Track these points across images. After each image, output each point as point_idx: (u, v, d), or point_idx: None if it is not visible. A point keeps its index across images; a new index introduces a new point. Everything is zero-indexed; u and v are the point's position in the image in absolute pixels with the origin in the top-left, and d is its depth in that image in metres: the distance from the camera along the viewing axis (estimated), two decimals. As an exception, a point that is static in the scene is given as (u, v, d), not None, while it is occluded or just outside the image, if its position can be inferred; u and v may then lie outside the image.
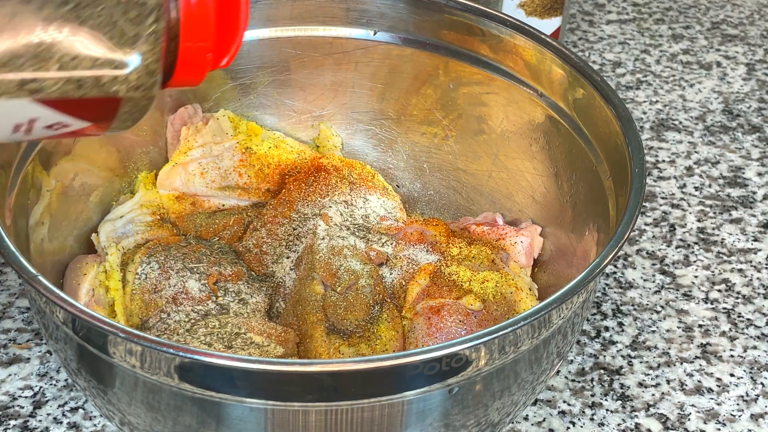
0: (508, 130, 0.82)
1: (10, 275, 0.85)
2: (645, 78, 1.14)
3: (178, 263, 0.75)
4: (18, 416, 0.74)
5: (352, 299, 0.73)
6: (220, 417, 0.59)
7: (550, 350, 0.64)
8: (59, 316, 0.60)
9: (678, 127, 1.07)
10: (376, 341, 0.71)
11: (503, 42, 0.80)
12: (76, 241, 0.77)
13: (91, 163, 0.79)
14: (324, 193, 0.81)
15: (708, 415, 0.77)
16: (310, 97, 0.87)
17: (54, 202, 0.74)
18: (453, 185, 0.86)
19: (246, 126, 0.85)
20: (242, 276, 0.76)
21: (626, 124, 0.71)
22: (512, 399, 0.65)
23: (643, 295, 0.87)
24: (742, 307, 0.86)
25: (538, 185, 0.81)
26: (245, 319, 0.71)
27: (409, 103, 0.86)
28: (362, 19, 0.84)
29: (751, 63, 1.17)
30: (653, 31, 1.23)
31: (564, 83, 0.77)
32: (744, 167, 1.01)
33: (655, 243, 0.92)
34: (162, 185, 0.82)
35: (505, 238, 0.79)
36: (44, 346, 0.79)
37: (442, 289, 0.74)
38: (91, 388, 0.63)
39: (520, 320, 0.58)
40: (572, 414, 0.76)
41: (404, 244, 0.78)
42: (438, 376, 0.58)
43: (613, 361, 0.81)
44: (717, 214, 0.96)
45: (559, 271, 0.77)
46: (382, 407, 0.59)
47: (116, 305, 0.73)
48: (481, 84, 0.83)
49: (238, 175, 0.82)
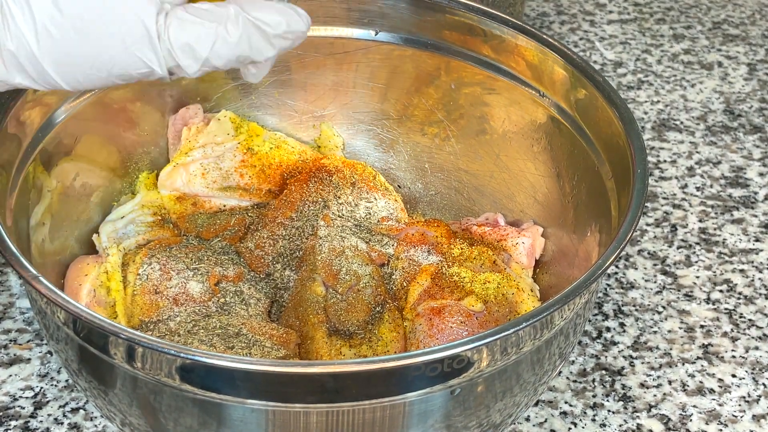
0: (510, 130, 0.82)
1: (11, 276, 0.85)
2: (646, 78, 1.14)
3: (179, 264, 0.75)
4: (19, 417, 0.73)
5: (353, 300, 0.73)
6: (221, 418, 0.59)
7: (551, 351, 0.64)
8: (60, 316, 0.60)
9: (679, 127, 1.06)
10: (377, 342, 0.71)
11: (505, 42, 0.80)
12: (77, 241, 0.77)
13: (92, 164, 0.79)
14: (325, 194, 0.81)
15: (710, 416, 0.77)
16: (312, 97, 0.87)
17: (55, 203, 0.74)
18: (454, 186, 0.86)
19: (247, 126, 0.85)
20: (243, 277, 0.76)
21: (628, 124, 0.71)
22: (514, 400, 0.65)
23: (645, 296, 0.87)
24: (744, 308, 0.86)
25: (539, 186, 0.81)
26: (246, 320, 0.71)
27: (410, 103, 0.86)
28: (364, 20, 0.84)
29: (753, 63, 1.17)
30: (654, 31, 1.23)
31: (566, 84, 0.77)
32: (745, 167, 1.01)
33: (656, 243, 0.92)
34: (163, 186, 0.82)
35: (507, 239, 0.79)
36: (45, 347, 0.79)
37: (443, 290, 0.74)
38: (92, 388, 0.63)
39: (522, 321, 0.58)
40: (574, 415, 0.76)
41: (405, 245, 0.78)
42: (440, 378, 0.58)
43: (615, 361, 0.81)
44: (718, 214, 0.95)
45: (561, 272, 0.77)
46: (383, 408, 0.59)
47: (117, 306, 0.73)
48: (483, 84, 0.82)
49: (240, 176, 0.82)
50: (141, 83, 0.80)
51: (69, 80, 0.56)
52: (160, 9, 0.56)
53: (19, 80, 0.56)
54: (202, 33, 0.57)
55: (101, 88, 0.56)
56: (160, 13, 0.56)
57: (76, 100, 0.76)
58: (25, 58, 0.55)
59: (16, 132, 0.70)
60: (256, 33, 0.58)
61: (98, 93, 0.77)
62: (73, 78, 0.56)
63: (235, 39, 0.58)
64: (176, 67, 0.58)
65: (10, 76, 0.56)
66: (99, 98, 0.77)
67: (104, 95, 0.78)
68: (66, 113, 0.75)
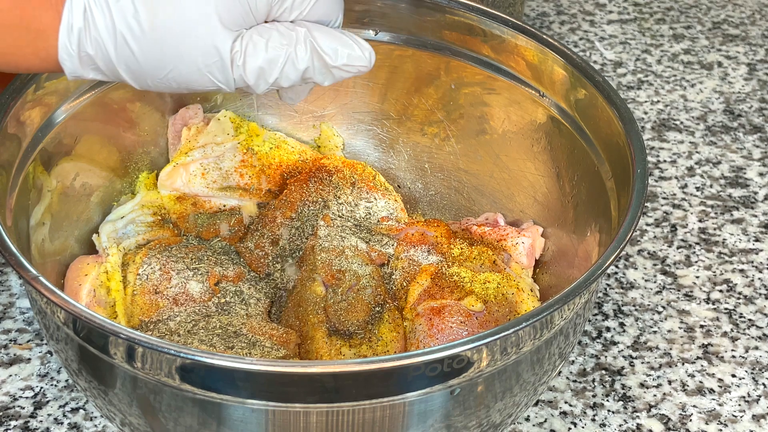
0: (510, 130, 0.82)
1: (11, 276, 0.85)
2: (646, 78, 1.14)
3: (179, 264, 0.75)
4: (19, 417, 0.73)
5: (353, 300, 0.73)
6: (221, 418, 0.59)
7: (551, 351, 0.64)
8: (60, 316, 0.60)
9: (679, 127, 1.06)
10: (377, 342, 0.71)
11: (505, 42, 0.80)
12: (77, 241, 0.77)
13: (91, 164, 0.79)
14: (325, 194, 0.81)
15: (709, 416, 0.77)
16: (311, 97, 0.87)
17: (55, 203, 0.74)
18: (454, 186, 0.86)
19: (247, 126, 0.85)
20: (243, 277, 0.76)
21: (628, 124, 0.71)
22: (514, 400, 0.65)
23: (645, 296, 0.87)
24: (744, 308, 0.86)
25: (539, 186, 0.81)
26: (246, 320, 0.71)
27: (410, 103, 0.86)
28: (363, 19, 0.84)
29: (753, 63, 1.17)
30: (654, 30, 1.23)
31: (566, 83, 0.77)
32: (745, 167, 1.01)
33: (656, 243, 0.92)
34: (163, 186, 0.82)
35: (507, 239, 0.79)
36: (45, 347, 0.79)
37: (443, 290, 0.74)
38: (92, 388, 0.63)
39: (522, 321, 0.58)
40: (574, 415, 0.76)
41: (405, 245, 0.78)
42: (439, 378, 0.58)
43: (615, 361, 0.81)
44: (718, 214, 0.95)
45: (561, 272, 0.77)
46: (383, 408, 0.59)
47: (117, 306, 0.73)
48: (483, 84, 0.82)
49: (239, 176, 0.82)
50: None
51: (140, 83, 0.59)
52: (236, 36, 0.58)
53: (92, 75, 0.59)
54: (273, 57, 0.59)
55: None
56: (236, 39, 0.58)
57: (76, 100, 0.76)
58: (102, 61, 0.58)
59: (16, 132, 0.70)
60: (318, 60, 0.60)
61: (98, 93, 0.77)
62: (143, 82, 0.59)
63: (303, 65, 0.60)
64: (245, 86, 0.60)
65: (84, 72, 0.59)
66: (99, 98, 0.77)
67: (104, 95, 0.78)
68: (66, 113, 0.75)
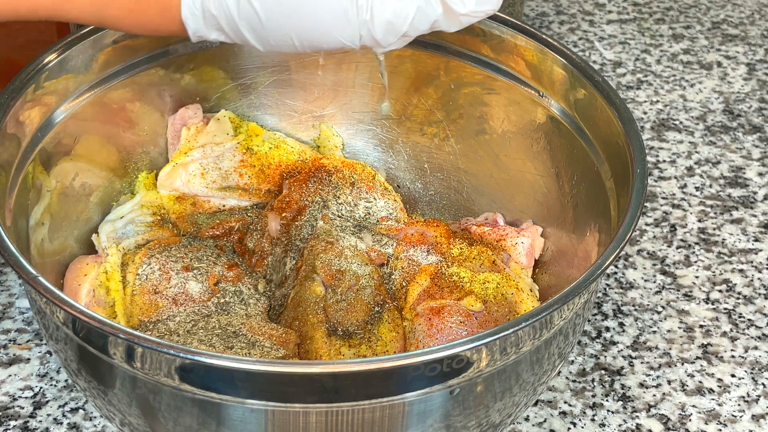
0: (509, 130, 0.82)
1: (11, 275, 0.85)
2: (645, 78, 1.14)
3: (178, 264, 0.75)
4: (18, 417, 0.73)
5: (352, 300, 0.73)
6: (221, 418, 0.59)
7: (551, 351, 0.64)
8: (59, 316, 0.60)
9: (678, 127, 1.06)
10: (376, 342, 0.71)
11: (504, 42, 0.80)
12: (76, 241, 0.77)
13: (91, 164, 0.79)
14: (325, 194, 0.81)
15: (709, 416, 0.77)
16: (311, 97, 0.87)
17: (54, 203, 0.74)
18: (454, 186, 0.86)
19: (247, 126, 0.85)
20: (243, 277, 0.76)
21: (628, 124, 0.71)
22: (513, 400, 0.65)
23: (644, 296, 0.87)
24: (743, 308, 0.86)
25: (539, 186, 0.81)
26: (246, 320, 0.71)
27: (410, 103, 0.86)
28: (363, 19, 0.84)
29: (752, 63, 1.17)
30: (654, 30, 1.23)
31: (565, 83, 0.77)
32: (745, 167, 1.01)
33: (655, 243, 0.92)
34: (162, 186, 0.82)
35: (506, 239, 0.79)
36: (44, 347, 0.79)
37: (442, 290, 0.74)
38: (92, 388, 0.63)
39: (522, 321, 0.58)
40: (573, 415, 0.76)
41: (405, 245, 0.78)
42: (439, 377, 0.58)
43: (614, 361, 0.81)
44: (718, 214, 0.95)
45: (560, 272, 0.77)
46: (383, 408, 0.59)
47: (117, 306, 0.73)
48: (482, 84, 0.82)
49: (239, 176, 0.82)
50: (140, 84, 0.81)
51: (262, 43, 0.59)
52: None
53: (214, 36, 0.60)
54: (402, 9, 0.58)
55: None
56: None
57: (75, 100, 0.76)
58: (225, 20, 0.58)
59: (15, 132, 0.70)
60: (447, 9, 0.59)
61: (98, 93, 0.77)
62: (266, 42, 0.59)
63: (435, 15, 0.59)
64: (372, 42, 0.59)
65: (207, 32, 0.59)
66: (98, 98, 0.77)
67: (104, 95, 0.78)
68: (65, 113, 0.75)
